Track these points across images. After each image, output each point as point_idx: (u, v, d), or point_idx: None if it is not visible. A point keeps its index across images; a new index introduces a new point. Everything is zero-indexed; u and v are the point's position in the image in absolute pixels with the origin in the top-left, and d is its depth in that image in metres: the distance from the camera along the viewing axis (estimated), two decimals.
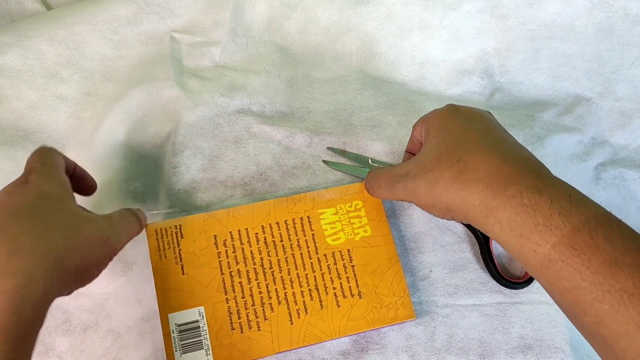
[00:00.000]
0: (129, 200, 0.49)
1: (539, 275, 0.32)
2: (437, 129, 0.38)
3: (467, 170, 0.35)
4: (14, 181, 0.35)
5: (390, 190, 0.41)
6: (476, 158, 0.35)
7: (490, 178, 0.34)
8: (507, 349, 0.44)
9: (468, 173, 0.34)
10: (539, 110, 0.55)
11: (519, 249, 0.32)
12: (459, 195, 0.35)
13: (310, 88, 0.55)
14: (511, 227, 0.32)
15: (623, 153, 0.56)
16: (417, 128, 0.42)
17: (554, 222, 0.30)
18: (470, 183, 0.34)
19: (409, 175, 0.38)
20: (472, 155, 0.35)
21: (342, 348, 0.43)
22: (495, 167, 0.34)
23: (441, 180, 0.36)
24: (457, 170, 0.35)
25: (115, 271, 0.46)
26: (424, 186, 0.37)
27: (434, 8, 0.56)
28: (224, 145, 0.50)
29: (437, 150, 0.37)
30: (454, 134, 0.37)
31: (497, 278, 0.45)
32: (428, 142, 0.39)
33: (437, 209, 0.38)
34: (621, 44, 0.56)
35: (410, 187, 0.38)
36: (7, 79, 0.52)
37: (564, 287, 0.30)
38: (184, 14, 0.57)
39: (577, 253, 0.29)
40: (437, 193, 0.36)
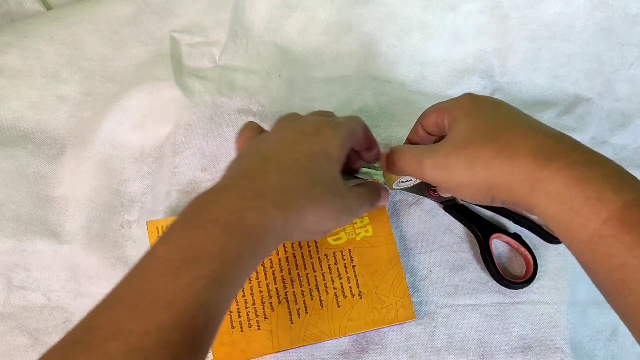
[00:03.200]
0: (128, 201, 0.49)
1: (585, 250, 0.30)
2: (464, 114, 0.36)
3: (509, 147, 0.33)
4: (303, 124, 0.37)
5: (416, 165, 0.38)
6: (515, 136, 0.33)
7: (536, 151, 0.32)
8: (507, 349, 0.44)
9: (510, 150, 0.33)
10: (539, 110, 0.55)
11: (567, 223, 0.31)
12: (502, 170, 0.33)
13: (310, 88, 0.55)
14: (560, 201, 0.31)
15: (623, 153, 0.56)
16: (430, 116, 0.40)
17: (606, 197, 0.29)
18: (514, 158, 0.32)
19: (439, 153, 0.36)
20: (510, 134, 0.33)
21: (342, 348, 0.43)
22: (539, 142, 0.32)
23: (480, 157, 0.34)
24: (497, 147, 0.33)
25: (116, 271, 0.46)
26: (459, 164, 0.35)
27: (434, 8, 0.56)
28: (224, 145, 0.50)
29: (470, 132, 0.35)
30: (484, 117, 0.35)
31: (497, 278, 0.45)
32: (456, 127, 0.36)
33: (475, 188, 0.35)
34: (621, 44, 0.56)
35: (441, 164, 0.36)
36: (7, 79, 0.52)
37: (611, 264, 0.29)
38: (184, 14, 0.57)
39: (628, 229, 0.28)
40: (476, 171, 0.34)
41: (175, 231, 0.30)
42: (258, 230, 0.30)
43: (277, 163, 0.34)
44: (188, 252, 0.28)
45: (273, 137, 0.37)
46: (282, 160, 0.34)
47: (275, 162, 0.34)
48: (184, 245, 0.29)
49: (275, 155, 0.34)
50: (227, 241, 0.29)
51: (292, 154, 0.34)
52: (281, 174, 0.33)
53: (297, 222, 0.33)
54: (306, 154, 0.35)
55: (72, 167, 0.49)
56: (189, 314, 0.27)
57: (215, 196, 0.31)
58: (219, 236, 0.29)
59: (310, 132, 0.36)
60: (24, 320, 0.45)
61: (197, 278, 0.28)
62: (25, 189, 0.48)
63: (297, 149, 0.35)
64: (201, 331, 0.28)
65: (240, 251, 0.29)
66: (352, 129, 0.38)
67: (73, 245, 0.46)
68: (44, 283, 0.46)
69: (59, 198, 0.48)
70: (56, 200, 0.48)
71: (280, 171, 0.33)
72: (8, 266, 0.46)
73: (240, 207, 0.30)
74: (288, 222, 0.32)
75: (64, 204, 0.48)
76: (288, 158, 0.34)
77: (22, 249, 0.45)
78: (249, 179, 0.32)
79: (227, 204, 0.30)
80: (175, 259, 0.28)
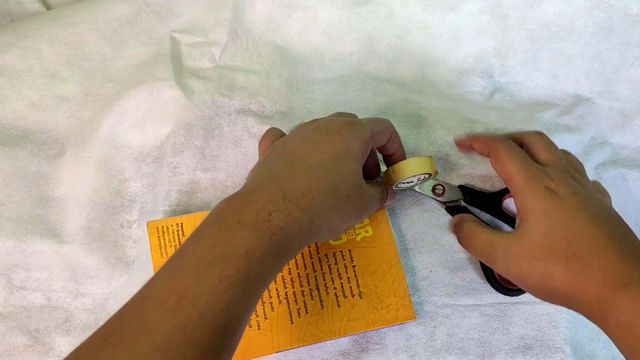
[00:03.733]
0: (128, 201, 0.49)
1: None
2: (540, 211, 0.36)
3: (584, 269, 0.33)
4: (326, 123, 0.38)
5: (484, 256, 0.39)
6: (593, 256, 0.33)
7: (609, 277, 0.33)
8: (507, 349, 0.44)
9: (585, 272, 0.33)
10: (539, 110, 0.55)
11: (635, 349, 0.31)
12: (575, 290, 0.34)
13: (310, 88, 0.55)
14: (630, 327, 0.31)
15: (623, 153, 0.56)
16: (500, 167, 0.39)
17: None
18: (588, 281, 0.33)
19: (510, 253, 0.36)
20: (587, 252, 0.34)
21: (342, 348, 0.43)
22: (613, 266, 0.33)
23: (554, 274, 0.34)
24: (573, 266, 0.34)
25: (116, 271, 0.46)
26: (532, 273, 0.35)
27: (434, 8, 0.56)
28: (224, 145, 0.50)
29: (546, 238, 0.35)
30: (563, 225, 0.35)
31: (493, 283, 0.45)
32: (531, 226, 0.36)
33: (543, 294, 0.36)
34: (621, 44, 0.56)
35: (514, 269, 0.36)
36: (7, 79, 0.52)
37: None
38: (184, 14, 0.57)
39: None
40: (550, 284, 0.35)
41: (203, 232, 0.31)
42: (284, 233, 0.31)
43: (304, 166, 0.34)
44: (215, 253, 0.30)
45: (297, 138, 0.38)
46: (308, 162, 0.35)
47: (302, 164, 0.35)
48: (211, 246, 0.30)
49: (300, 157, 0.35)
50: (253, 243, 0.30)
51: (317, 155, 0.35)
52: (308, 177, 0.34)
53: (323, 224, 0.34)
54: (331, 154, 0.35)
55: (72, 167, 0.49)
56: (214, 313, 0.28)
57: (244, 199, 0.32)
58: (246, 238, 0.30)
59: (333, 131, 0.37)
60: (24, 320, 0.45)
61: (223, 278, 0.29)
62: (25, 189, 0.48)
63: (322, 150, 0.36)
64: (227, 330, 0.29)
65: (266, 252, 0.31)
66: (375, 130, 0.39)
67: (73, 245, 0.46)
68: (44, 283, 0.46)
69: (59, 198, 0.48)
70: (56, 200, 0.48)
71: (307, 174, 0.34)
72: (8, 266, 0.46)
73: (266, 210, 0.32)
74: (313, 223, 0.33)
75: (64, 204, 0.48)
76: (314, 160, 0.35)
77: (22, 249, 0.45)
78: (276, 183, 0.33)
79: (255, 207, 0.32)
80: (202, 259, 0.29)
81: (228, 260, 0.29)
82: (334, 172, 0.35)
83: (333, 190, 0.35)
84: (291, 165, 0.35)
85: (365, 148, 0.37)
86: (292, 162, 0.35)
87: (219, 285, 0.28)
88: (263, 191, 0.33)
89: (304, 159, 0.35)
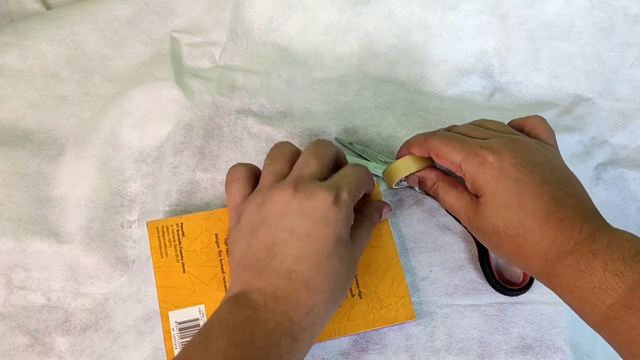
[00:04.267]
0: (128, 201, 0.49)
1: (598, 329, 0.35)
2: (490, 193, 0.38)
3: (526, 245, 0.37)
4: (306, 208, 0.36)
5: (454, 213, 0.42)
6: (533, 233, 0.37)
7: (548, 251, 0.36)
8: (507, 349, 0.44)
9: (527, 247, 0.37)
10: (539, 110, 0.55)
11: (579, 309, 0.36)
12: (521, 263, 0.39)
13: (310, 88, 0.55)
14: (570, 291, 0.35)
15: (623, 153, 0.56)
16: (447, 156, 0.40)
17: (608, 284, 0.33)
18: (530, 257, 0.37)
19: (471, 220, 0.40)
20: (529, 229, 0.37)
21: (341, 348, 0.43)
22: (552, 240, 0.36)
23: (503, 249, 0.39)
24: (517, 244, 0.37)
25: (115, 271, 0.46)
26: (487, 243, 0.41)
27: (434, 8, 0.56)
28: (224, 145, 0.50)
29: (494, 220, 0.38)
30: (507, 204, 0.37)
31: (492, 283, 0.45)
32: (482, 205, 0.39)
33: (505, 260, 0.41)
34: (621, 44, 0.56)
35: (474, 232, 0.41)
36: (7, 79, 0.52)
37: (621, 341, 0.33)
38: (184, 14, 0.57)
39: (631, 311, 0.32)
40: (501, 254, 0.40)
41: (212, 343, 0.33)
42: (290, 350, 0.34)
43: (302, 276, 0.35)
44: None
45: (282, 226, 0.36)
46: (305, 271, 0.35)
47: (300, 275, 0.35)
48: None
49: (294, 263, 0.35)
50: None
51: (309, 259, 0.35)
52: (309, 292, 0.35)
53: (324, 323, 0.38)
54: (324, 254, 0.35)
55: (72, 167, 0.49)
56: None
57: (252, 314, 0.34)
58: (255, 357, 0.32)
59: (318, 218, 0.36)
60: (24, 320, 0.45)
61: None
62: (25, 189, 0.48)
63: (312, 249, 0.35)
64: None
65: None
66: (357, 195, 0.39)
67: (73, 245, 0.46)
68: (44, 283, 0.46)
69: (58, 198, 0.48)
70: (56, 200, 0.48)
71: (307, 289, 0.35)
72: (8, 266, 0.46)
73: (276, 334, 0.33)
74: (315, 335, 0.37)
75: (64, 204, 0.48)
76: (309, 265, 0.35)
77: (22, 249, 0.45)
78: (281, 303, 0.34)
79: (263, 328, 0.33)
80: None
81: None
82: (329, 277, 0.36)
83: (334, 298, 0.37)
84: (289, 276, 0.35)
85: (350, 221, 0.38)
86: (289, 270, 0.35)
87: None
88: (269, 311, 0.34)
89: (299, 266, 0.35)
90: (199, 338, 0.33)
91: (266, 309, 0.34)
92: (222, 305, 0.35)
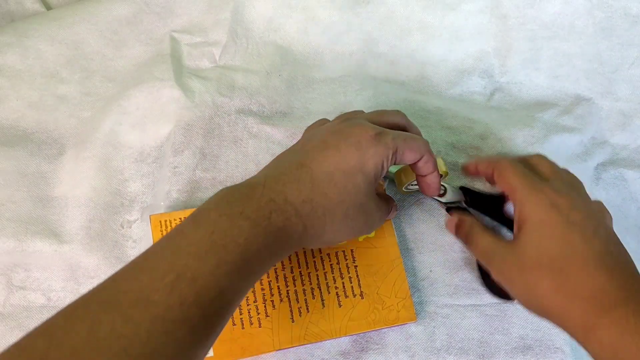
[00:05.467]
0: (128, 201, 0.49)
1: None
2: (537, 223, 0.36)
3: (569, 284, 0.34)
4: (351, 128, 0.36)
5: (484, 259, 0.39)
6: (581, 273, 0.33)
7: (594, 297, 0.33)
8: (507, 349, 0.44)
9: (570, 287, 0.33)
10: (539, 110, 0.55)
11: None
12: (559, 305, 0.34)
13: (310, 88, 0.55)
14: (614, 351, 0.31)
15: (623, 153, 0.56)
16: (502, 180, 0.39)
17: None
18: (572, 298, 0.33)
19: (505, 261, 0.37)
20: (576, 268, 0.34)
21: (341, 348, 0.43)
22: (600, 286, 0.33)
23: (541, 287, 0.35)
24: (559, 281, 0.34)
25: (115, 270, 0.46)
26: (521, 284, 0.36)
27: (434, 8, 0.56)
28: (224, 145, 0.50)
29: (538, 249, 0.35)
30: (556, 237, 0.35)
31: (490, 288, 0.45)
32: (526, 236, 0.36)
33: (534, 307, 0.36)
34: (621, 44, 0.56)
35: (506, 276, 0.37)
36: (7, 79, 0.52)
37: None
38: (184, 14, 0.57)
39: None
40: (535, 296, 0.35)
41: (204, 214, 0.32)
42: (280, 234, 0.33)
43: (311, 172, 0.34)
44: (214, 238, 0.30)
45: (319, 137, 0.37)
46: (316, 170, 0.35)
47: (309, 170, 0.35)
48: (211, 231, 0.31)
49: (310, 162, 0.35)
50: (252, 235, 0.31)
51: (326, 165, 0.35)
52: (311, 186, 0.34)
53: (315, 235, 0.35)
54: (341, 168, 0.35)
55: (72, 167, 0.49)
56: (209, 296, 0.29)
57: (247, 192, 0.33)
58: (245, 230, 0.31)
59: (353, 141, 0.35)
60: (24, 320, 0.45)
61: (221, 264, 0.30)
62: (25, 189, 0.48)
63: (333, 160, 0.35)
64: (218, 314, 0.30)
65: (262, 248, 0.31)
66: (401, 147, 0.37)
67: (73, 245, 0.46)
68: (44, 283, 0.46)
69: (59, 198, 0.48)
70: (56, 200, 0.48)
71: (311, 182, 0.34)
72: (8, 266, 0.46)
73: (268, 209, 0.32)
74: (307, 232, 0.34)
75: (64, 204, 0.48)
76: (322, 169, 0.35)
77: (22, 249, 0.45)
78: (280, 183, 0.34)
79: (256, 203, 0.32)
80: (202, 242, 0.30)
81: (227, 247, 0.30)
82: (337, 188, 0.35)
83: (331, 207, 0.35)
84: (299, 168, 0.35)
85: (380, 167, 0.36)
86: (302, 164, 0.35)
87: (216, 270, 0.29)
88: (266, 188, 0.33)
89: (313, 164, 0.35)
90: (194, 213, 0.33)
91: (264, 186, 0.33)
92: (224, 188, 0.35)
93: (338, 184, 0.35)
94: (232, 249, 0.30)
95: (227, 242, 0.30)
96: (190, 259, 0.29)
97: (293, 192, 0.34)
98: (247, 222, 0.31)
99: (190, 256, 0.29)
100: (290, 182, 0.34)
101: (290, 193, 0.33)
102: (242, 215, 0.31)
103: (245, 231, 0.31)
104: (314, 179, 0.34)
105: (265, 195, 0.33)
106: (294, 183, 0.34)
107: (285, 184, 0.34)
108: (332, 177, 0.35)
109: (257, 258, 0.31)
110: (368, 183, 0.36)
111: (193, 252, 0.30)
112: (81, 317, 0.27)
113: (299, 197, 0.34)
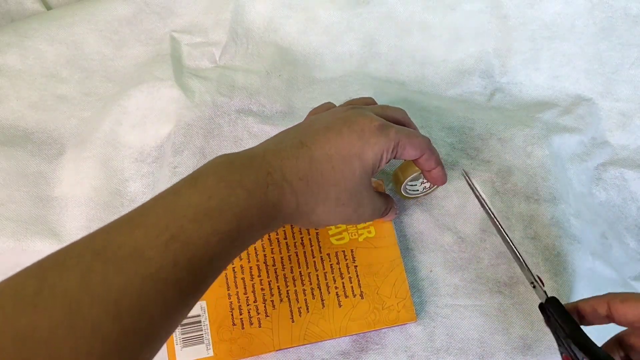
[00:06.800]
0: (128, 201, 0.49)
1: None
2: None
3: None
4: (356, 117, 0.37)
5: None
6: None
7: None
8: (507, 350, 0.44)
9: None
10: (539, 111, 0.55)
11: None
12: None
13: (310, 88, 0.55)
14: None
15: (623, 153, 0.56)
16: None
17: None
18: None
19: None
20: None
21: (341, 348, 0.43)
22: None
23: None
24: None
25: None
26: None
27: (434, 8, 0.56)
28: (224, 145, 0.50)
29: None
30: None
31: None
32: None
33: None
34: (621, 44, 0.56)
35: None
36: (7, 79, 0.52)
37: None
38: (184, 14, 0.57)
39: None
40: None
41: (202, 179, 0.32)
42: (274, 208, 0.33)
43: (311, 153, 0.35)
44: (212, 204, 0.30)
45: (324, 120, 0.38)
46: (316, 151, 0.35)
47: (309, 151, 0.35)
48: (208, 197, 0.31)
49: (311, 143, 0.35)
50: (248, 206, 0.31)
51: (327, 147, 0.35)
52: (308, 164, 0.34)
53: (305, 213, 0.35)
54: (340, 152, 0.35)
55: (72, 167, 0.49)
56: (201, 262, 0.29)
57: (245, 162, 0.33)
58: (242, 199, 0.31)
59: (356, 129, 0.36)
60: None
61: (215, 232, 0.30)
62: (25, 189, 0.48)
63: (334, 144, 0.36)
64: (206, 280, 0.31)
65: (255, 220, 0.32)
66: (402, 142, 0.38)
67: None
68: None
69: (59, 198, 0.48)
70: (56, 200, 0.48)
71: (309, 162, 0.35)
72: (8, 266, 0.46)
73: (265, 182, 0.33)
74: (298, 210, 0.34)
75: (64, 203, 0.48)
76: (321, 151, 0.35)
77: (22, 249, 0.45)
78: (280, 159, 0.34)
79: (255, 174, 0.33)
80: (199, 206, 0.30)
81: (223, 216, 0.30)
82: (334, 171, 0.35)
83: (325, 188, 0.35)
84: (300, 147, 0.35)
85: (379, 158, 0.37)
86: (303, 143, 0.35)
87: (211, 238, 0.30)
88: (265, 161, 0.34)
89: (314, 145, 0.35)
90: (191, 175, 0.33)
91: (263, 159, 0.34)
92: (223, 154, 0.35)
93: (335, 167, 0.35)
94: (228, 218, 0.30)
95: (223, 210, 0.30)
96: (186, 222, 0.29)
97: (291, 169, 0.34)
98: (244, 192, 0.32)
99: (186, 219, 0.29)
100: (288, 159, 0.34)
101: (287, 169, 0.34)
102: (239, 184, 0.32)
103: (242, 201, 0.31)
104: (312, 159, 0.35)
105: (264, 168, 0.33)
106: (293, 159, 0.34)
107: (283, 160, 0.34)
108: (330, 160, 0.35)
109: (249, 229, 0.32)
110: (364, 171, 0.36)
111: (190, 215, 0.30)
112: (74, 263, 0.27)
113: (296, 175, 0.34)
